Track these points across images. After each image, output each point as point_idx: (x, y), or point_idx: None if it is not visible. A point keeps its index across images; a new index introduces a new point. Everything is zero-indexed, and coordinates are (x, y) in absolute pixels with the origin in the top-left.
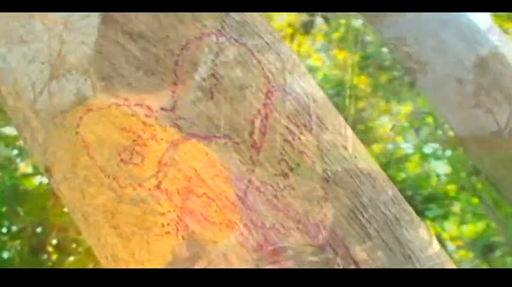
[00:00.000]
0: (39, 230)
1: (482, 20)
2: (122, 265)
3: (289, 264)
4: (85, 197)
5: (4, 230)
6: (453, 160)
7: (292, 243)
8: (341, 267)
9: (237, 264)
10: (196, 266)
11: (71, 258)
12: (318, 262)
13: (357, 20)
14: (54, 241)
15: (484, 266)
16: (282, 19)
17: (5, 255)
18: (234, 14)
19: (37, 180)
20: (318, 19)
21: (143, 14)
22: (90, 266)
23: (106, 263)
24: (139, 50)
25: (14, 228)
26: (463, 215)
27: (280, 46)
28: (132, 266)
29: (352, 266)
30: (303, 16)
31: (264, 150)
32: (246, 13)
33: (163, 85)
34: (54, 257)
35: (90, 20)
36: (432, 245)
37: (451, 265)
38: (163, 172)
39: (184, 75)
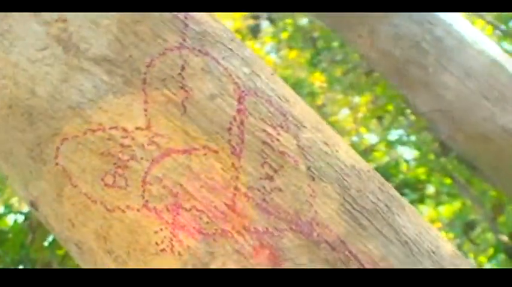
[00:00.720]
0: (21, 267)
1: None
2: None
3: (287, 265)
4: (75, 226)
5: None
6: (419, 144)
7: (287, 244)
8: (342, 262)
9: None
10: None
11: None
12: (316, 259)
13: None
14: None
15: (466, 244)
16: (228, 25)
17: None
18: (193, 25)
19: (11, 218)
20: (264, 22)
21: (102, 38)
22: None
23: None
24: (105, 74)
25: None
26: (438, 196)
27: (243, 51)
28: None
29: (352, 259)
30: (249, 21)
31: (245, 156)
32: (205, 22)
33: (134, 105)
34: None
35: (52, 50)
36: (426, 227)
37: (448, 245)
38: (149, 191)
39: (154, 92)
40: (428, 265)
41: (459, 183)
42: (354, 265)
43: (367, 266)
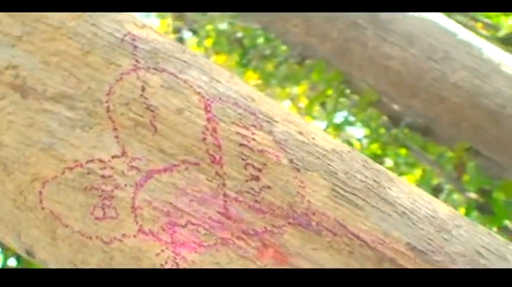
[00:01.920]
0: None
1: None
2: None
3: (295, 260)
4: (77, 265)
5: None
6: (367, 120)
7: (289, 239)
8: (346, 244)
9: None
10: None
11: None
12: (320, 248)
13: (223, 23)
14: None
15: None
16: None
17: None
18: (142, 45)
19: None
20: (186, 33)
21: (57, 76)
22: None
23: None
24: (68, 110)
25: None
26: (397, 168)
27: (197, 60)
28: None
29: (355, 241)
30: (170, 36)
31: (226, 162)
32: (153, 40)
33: (104, 135)
34: None
35: (10, 98)
36: (418, 194)
37: (443, 206)
38: (140, 216)
39: (120, 118)
40: (431, 230)
41: (415, 151)
42: (358, 246)
43: (373, 244)
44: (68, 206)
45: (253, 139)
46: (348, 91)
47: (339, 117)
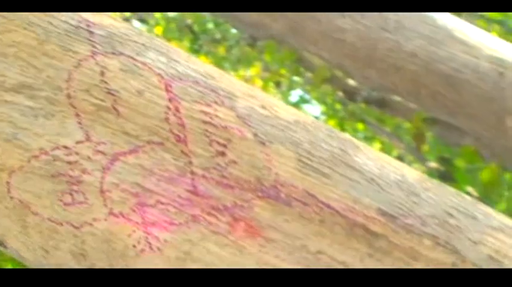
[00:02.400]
0: None
1: None
2: None
3: (267, 232)
4: (49, 252)
5: None
6: (322, 97)
7: (260, 212)
8: (317, 213)
9: (220, 252)
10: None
11: None
12: (292, 219)
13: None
14: None
15: None
16: None
17: None
18: (98, 31)
19: None
20: (135, 22)
21: (14, 67)
22: None
23: None
24: (29, 100)
25: None
26: None
27: (154, 42)
28: None
29: (326, 210)
30: None
31: (190, 140)
32: (108, 25)
33: (67, 121)
34: None
35: None
36: (386, 160)
37: (412, 171)
38: (110, 198)
39: (82, 104)
40: (401, 195)
41: (372, 125)
42: (329, 214)
43: (343, 212)
44: (36, 194)
45: (216, 116)
46: (301, 69)
47: (294, 96)
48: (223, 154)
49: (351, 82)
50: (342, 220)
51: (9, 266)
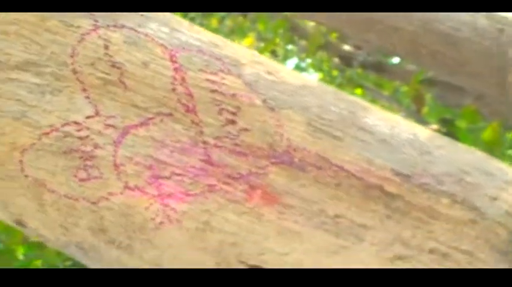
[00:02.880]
0: None
1: None
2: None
3: (284, 198)
4: (68, 229)
5: None
6: (318, 64)
7: (275, 178)
8: (331, 177)
9: (238, 220)
10: (208, 240)
11: None
12: (307, 183)
13: None
14: None
15: None
16: None
17: None
18: None
19: None
20: None
21: (18, 44)
22: None
23: None
24: (35, 77)
25: None
26: None
27: (155, 14)
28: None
29: (340, 173)
30: None
31: (200, 109)
32: None
33: (75, 96)
34: None
35: None
36: (396, 120)
37: (423, 129)
38: (124, 172)
39: (88, 78)
40: (414, 154)
41: (370, 90)
42: (344, 177)
43: (358, 174)
44: (50, 171)
45: (224, 84)
46: (295, 38)
47: (290, 65)
48: (233, 122)
49: (346, 48)
50: (357, 182)
51: (21, 251)
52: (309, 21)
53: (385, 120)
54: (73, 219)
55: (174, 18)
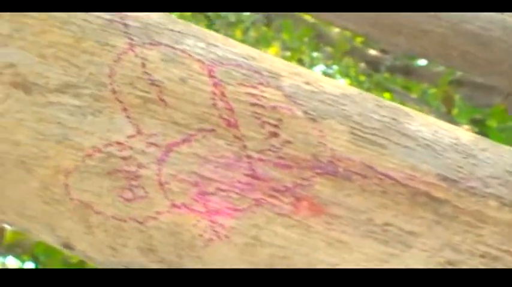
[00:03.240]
0: None
1: None
2: None
3: (331, 209)
4: (117, 250)
5: None
6: (345, 71)
7: (321, 189)
8: (377, 185)
9: (287, 233)
10: (258, 255)
11: None
12: (353, 193)
13: None
14: None
15: None
16: None
17: None
18: (132, 23)
19: None
20: None
21: (56, 67)
22: None
23: None
24: (74, 98)
25: None
26: None
27: (190, 28)
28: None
29: (386, 181)
30: None
31: (241, 124)
32: (142, 15)
33: (115, 116)
34: None
35: (14, 97)
36: (438, 124)
37: (465, 132)
38: (170, 190)
39: (127, 98)
40: (458, 158)
41: (398, 93)
42: (390, 185)
43: (404, 181)
44: (96, 193)
45: (264, 97)
46: (320, 45)
47: (317, 71)
48: (276, 134)
49: (372, 52)
50: (404, 189)
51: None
52: (334, 28)
53: (427, 125)
54: (121, 240)
55: (209, 33)
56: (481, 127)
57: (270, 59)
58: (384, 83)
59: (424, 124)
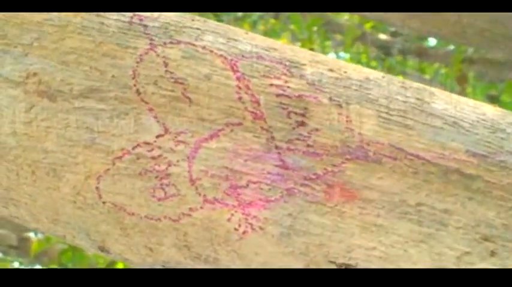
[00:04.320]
0: None
1: None
2: None
3: (364, 193)
4: (153, 249)
5: None
6: (356, 57)
7: (352, 174)
8: (408, 166)
9: (321, 220)
10: (294, 244)
11: None
12: (384, 176)
13: None
14: None
15: None
16: None
17: None
18: (151, 23)
19: None
20: None
21: (78, 72)
22: None
23: None
24: (99, 103)
25: None
26: None
27: (209, 24)
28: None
29: (416, 161)
30: None
31: (268, 115)
32: (160, 16)
33: (142, 117)
34: None
35: (40, 105)
36: (463, 101)
37: (489, 107)
38: (201, 186)
39: (152, 98)
40: (486, 133)
41: (412, 75)
42: (421, 165)
43: (434, 160)
44: (128, 195)
45: (288, 87)
46: (329, 33)
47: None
48: (303, 123)
49: (383, 37)
50: (435, 168)
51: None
52: (343, 15)
53: (453, 103)
54: (157, 239)
55: (228, 28)
56: (496, 103)
57: (291, 49)
58: (396, 66)
59: (450, 102)
